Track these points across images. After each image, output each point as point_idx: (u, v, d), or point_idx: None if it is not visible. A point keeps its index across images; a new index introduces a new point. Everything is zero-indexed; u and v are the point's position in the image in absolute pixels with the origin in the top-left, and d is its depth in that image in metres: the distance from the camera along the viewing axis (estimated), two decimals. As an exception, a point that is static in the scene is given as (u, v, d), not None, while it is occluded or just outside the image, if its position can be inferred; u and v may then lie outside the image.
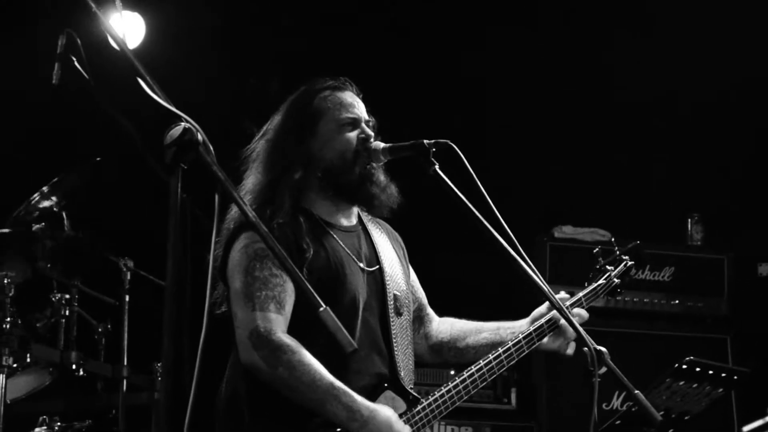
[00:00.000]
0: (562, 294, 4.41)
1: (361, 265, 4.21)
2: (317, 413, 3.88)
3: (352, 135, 4.23)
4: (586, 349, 3.72)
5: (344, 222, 4.30)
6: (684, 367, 4.70)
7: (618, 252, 4.70)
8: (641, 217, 7.86)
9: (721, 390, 4.89)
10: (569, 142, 8.20)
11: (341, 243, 4.19)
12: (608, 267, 4.66)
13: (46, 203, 6.22)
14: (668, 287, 7.48)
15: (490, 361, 4.26)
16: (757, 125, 8.09)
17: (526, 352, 4.36)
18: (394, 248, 4.44)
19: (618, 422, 4.76)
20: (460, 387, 4.19)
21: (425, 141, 3.97)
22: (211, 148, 3.02)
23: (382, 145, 4.20)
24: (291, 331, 3.93)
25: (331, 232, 4.20)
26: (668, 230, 7.91)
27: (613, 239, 4.82)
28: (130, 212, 7.18)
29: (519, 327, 4.48)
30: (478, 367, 4.24)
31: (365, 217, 4.41)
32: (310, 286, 3.00)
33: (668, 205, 8.10)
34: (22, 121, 7.33)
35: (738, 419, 7.22)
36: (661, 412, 4.54)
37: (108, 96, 3.54)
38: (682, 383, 4.74)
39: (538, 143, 8.19)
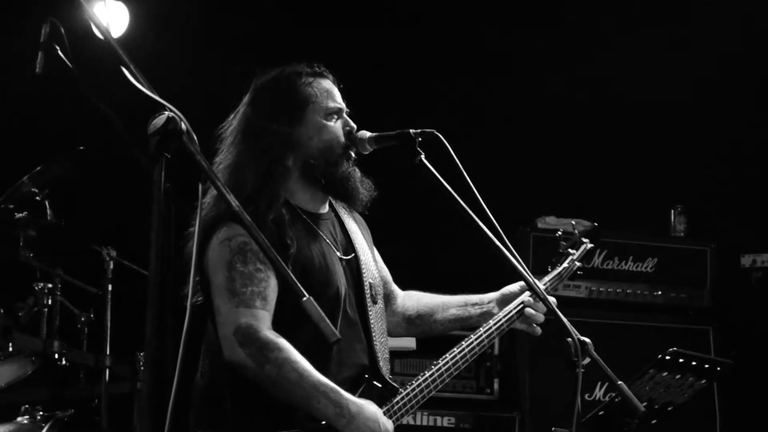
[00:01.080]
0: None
1: (339, 254, 4.19)
2: (304, 410, 3.86)
3: (338, 126, 4.21)
4: (570, 339, 3.73)
5: (320, 210, 4.26)
6: (667, 357, 4.71)
7: (577, 234, 4.74)
8: (624, 208, 7.87)
9: (704, 381, 4.91)
10: (553, 134, 8.20)
11: (321, 233, 4.17)
12: (570, 251, 4.69)
13: (28, 192, 6.20)
14: (651, 278, 7.48)
15: (463, 349, 4.26)
16: (741, 117, 8.11)
17: (497, 338, 4.38)
18: (362, 233, 4.42)
19: (601, 413, 4.77)
20: (436, 376, 4.20)
21: (411, 130, 3.97)
22: (195, 137, 3.01)
23: (368, 134, 4.18)
24: (274, 325, 3.90)
25: (312, 223, 4.17)
26: (651, 221, 7.92)
27: (573, 222, 4.85)
28: (113, 201, 7.16)
29: (487, 302, 4.51)
30: (452, 355, 4.25)
31: (334, 203, 4.37)
32: (293, 276, 2.99)
33: (652, 196, 8.11)
34: (4, 109, 7.30)
35: (720, 410, 7.23)
36: (644, 403, 4.56)
37: (91, 85, 3.52)
38: (665, 374, 4.76)
39: (523, 134, 8.19)
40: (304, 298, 2.91)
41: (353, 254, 4.25)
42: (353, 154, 4.19)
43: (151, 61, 4.30)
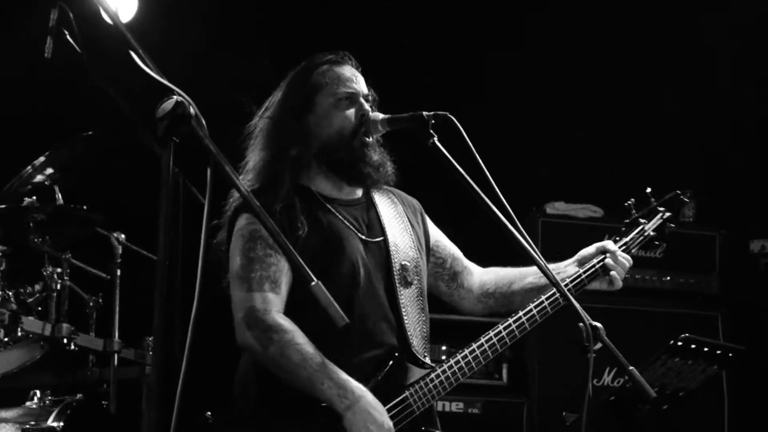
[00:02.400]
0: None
1: (362, 236, 4.21)
2: (307, 393, 3.86)
3: (350, 112, 4.24)
4: (581, 324, 3.71)
5: (346, 196, 4.30)
6: (679, 343, 4.70)
7: (654, 203, 4.66)
8: (633, 193, 7.84)
9: (716, 367, 4.89)
10: (562, 119, 8.19)
11: (340, 216, 4.19)
12: (641, 220, 4.61)
13: (37, 177, 6.20)
14: (660, 264, 7.46)
15: (517, 320, 4.30)
16: (751, 103, 8.09)
17: (575, 293, 4.31)
18: (407, 216, 4.43)
19: (612, 398, 4.76)
20: (477, 352, 4.18)
21: (424, 113, 3.96)
22: (204, 121, 3.01)
23: (380, 116, 4.21)
24: (290, 310, 3.95)
25: (330, 207, 4.20)
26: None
27: (649, 190, 4.77)
28: (121, 186, 7.16)
29: (564, 266, 4.47)
30: (506, 324, 4.26)
31: (371, 190, 4.40)
32: (302, 261, 2.99)
33: (660, 181, 8.08)
34: (13, 94, 7.29)
35: (728, 397, 7.22)
36: (656, 389, 4.54)
37: (100, 69, 3.53)
38: (677, 360, 4.74)
39: (532, 119, 8.18)
40: (313, 283, 2.92)
41: (382, 236, 4.25)
42: (367, 138, 4.20)
43: (159, 46, 4.29)
